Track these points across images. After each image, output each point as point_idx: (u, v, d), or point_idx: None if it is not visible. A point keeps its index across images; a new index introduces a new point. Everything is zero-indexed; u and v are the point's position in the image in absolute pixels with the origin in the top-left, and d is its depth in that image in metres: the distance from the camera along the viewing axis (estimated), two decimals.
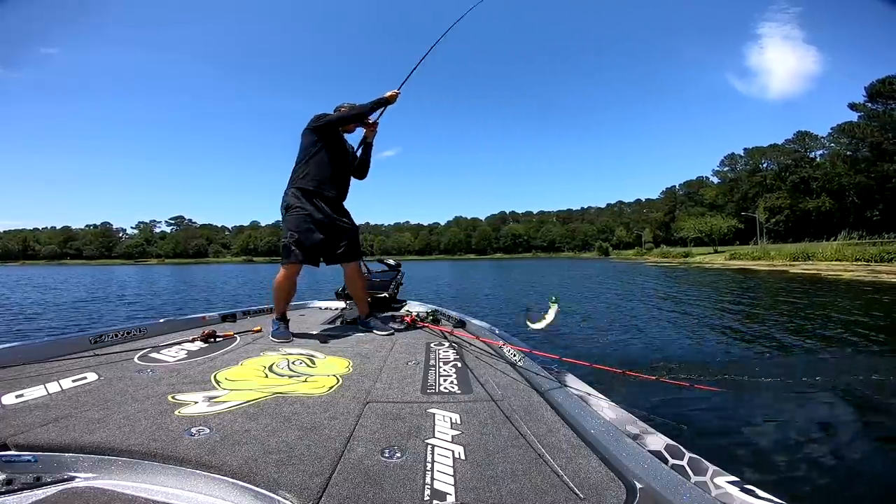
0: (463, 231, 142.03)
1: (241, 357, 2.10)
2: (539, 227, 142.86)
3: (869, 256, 22.34)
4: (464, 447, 1.16)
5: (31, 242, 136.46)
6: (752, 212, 58.18)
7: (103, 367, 1.88)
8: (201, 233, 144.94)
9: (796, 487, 2.10)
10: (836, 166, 60.71)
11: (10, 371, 1.77)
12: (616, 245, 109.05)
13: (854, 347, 4.99)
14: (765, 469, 2.26)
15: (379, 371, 1.89)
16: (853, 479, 2.22)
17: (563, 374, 1.69)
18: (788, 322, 6.90)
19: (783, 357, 4.63)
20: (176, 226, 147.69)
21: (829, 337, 5.65)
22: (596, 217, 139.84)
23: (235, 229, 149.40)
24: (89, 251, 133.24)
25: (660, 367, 4.18)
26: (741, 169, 79.23)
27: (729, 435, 2.65)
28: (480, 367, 1.97)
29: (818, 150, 69.50)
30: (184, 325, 2.85)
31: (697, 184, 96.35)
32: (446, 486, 0.97)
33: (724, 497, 0.86)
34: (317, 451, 1.09)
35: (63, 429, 1.18)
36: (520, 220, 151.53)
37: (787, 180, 68.56)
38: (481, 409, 1.45)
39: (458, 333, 2.63)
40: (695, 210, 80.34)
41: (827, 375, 3.84)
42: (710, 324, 6.97)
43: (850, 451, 2.49)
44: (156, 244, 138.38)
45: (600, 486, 0.98)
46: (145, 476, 0.99)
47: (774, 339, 5.67)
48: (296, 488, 0.92)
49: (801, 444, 2.55)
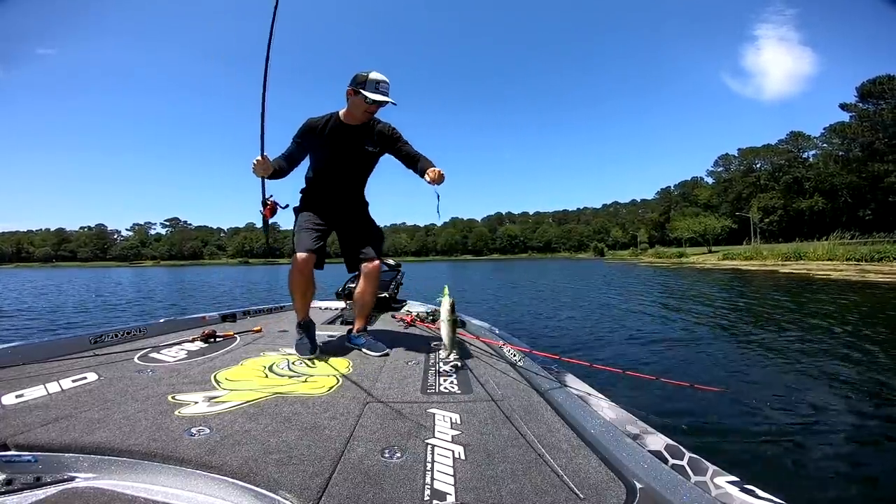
0: (459, 232, 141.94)
1: (241, 357, 2.10)
2: (535, 227, 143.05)
3: (860, 256, 22.50)
4: (464, 447, 1.16)
5: (25, 244, 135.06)
6: (745, 212, 58.54)
7: (103, 367, 1.88)
8: (196, 234, 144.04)
9: (796, 487, 2.10)
10: (829, 166, 61.15)
11: (10, 371, 1.77)
12: (612, 245, 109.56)
13: (853, 348, 5.02)
14: (765, 469, 2.26)
15: (379, 371, 1.89)
16: (853, 478, 2.22)
17: (563, 374, 1.70)
18: (785, 322, 6.95)
19: (783, 357, 4.65)
20: (171, 227, 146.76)
21: (828, 337, 5.68)
22: (592, 218, 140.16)
23: (231, 231, 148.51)
24: (84, 253, 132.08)
25: (660, 367, 4.19)
26: (735, 169, 79.64)
27: (729, 435, 2.65)
28: (480, 367, 1.98)
29: (811, 151, 69.94)
30: (184, 325, 2.85)
31: (692, 184, 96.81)
32: (446, 486, 0.97)
33: (724, 497, 0.86)
34: (317, 451, 1.09)
35: (63, 429, 1.18)
36: (516, 221, 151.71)
37: (780, 180, 68.99)
38: (481, 409, 1.45)
39: (458, 333, 2.63)
40: (689, 210, 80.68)
41: (827, 375, 3.87)
42: (708, 325, 7.00)
43: (851, 451, 2.50)
44: (151, 246, 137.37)
45: (600, 486, 0.99)
46: (145, 476, 0.99)
47: (773, 339, 5.69)
48: (296, 488, 0.92)
49: (801, 443, 2.56)
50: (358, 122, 2.32)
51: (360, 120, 2.31)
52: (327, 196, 2.46)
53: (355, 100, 2.21)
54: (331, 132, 2.30)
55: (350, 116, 2.30)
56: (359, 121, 2.31)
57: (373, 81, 2.17)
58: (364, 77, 2.17)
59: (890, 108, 48.40)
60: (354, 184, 2.51)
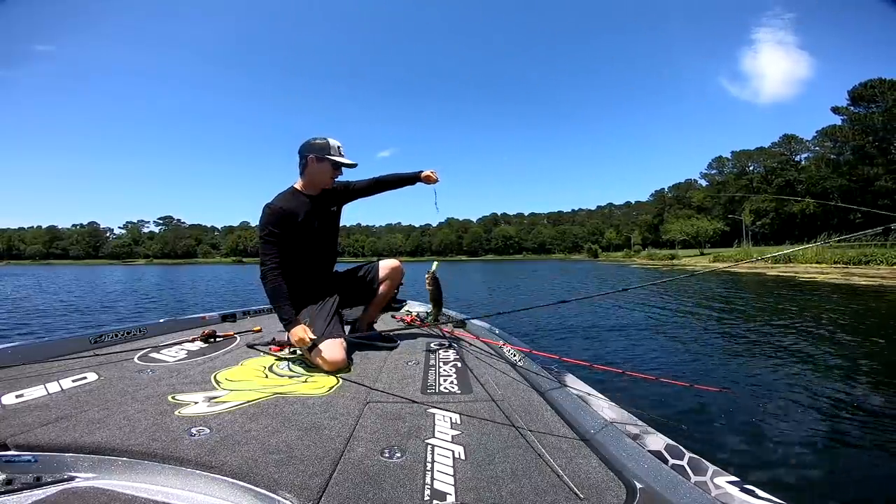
0: (455, 232, 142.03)
1: (241, 357, 2.09)
2: (530, 228, 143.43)
3: (848, 259, 22.79)
4: (464, 447, 1.16)
5: (16, 242, 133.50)
6: (738, 214, 59.08)
7: (103, 367, 1.88)
8: (190, 233, 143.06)
9: (796, 487, 2.12)
10: (821, 169, 61.79)
11: (10, 371, 1.77)
12: (606, 247, 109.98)
13: (851, 348, 5.08)
14: (765, 469, 2.28)
15: (379, 371, 1.89)
16: (853, 478, 2.24)
17: (563, 374, 1.71)
18: (784, 323, 7.02)
19: (782, 358, 4.70)
20: (164, 226, 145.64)
21: (826, 338, 5.74)
22: (586, 219, 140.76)
23: (225, 229, 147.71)
24: (75, 251, 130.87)
25: (660, 368, 4.21)
26: (728, 172, 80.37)
27: (729, 435, 2.67)
28: (480, 367, 1.98)
29: (803, 154, 70.80)
30: (184, 325, 2.85)
31: (686, 186, 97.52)
32: (446, 486, 0.97)
33: (724, 497, 0.87)
34: (317, 451, 1.09)
35: (63, 429, 1.17)
36: (511, 222, 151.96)
37: (772, 183, 69.65)
38: (481, 409, 1.45)
39: (458, 333, 2.64)
40: (683, 212, 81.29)
41: (826, 375, 3.91)
42: (708, 324, 7.06)
43: (851, 451, 2.52)
44: (144, 244, 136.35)
45: (600, 486, 0.99)
46: (145, 476, 0.98)
47: (773, 340, 5.74)
48: (296, 488, 0.92)
49: (801, 443, 2.58)
50: (318, 191, 2.29)
51: (323, 186, 2.29)
52: (317, 276, 2.36)
53: (320, 167, 2.21)
54: (305, 210, 2.21)
55: (311, 186, 2.27)
56: (320, 188, 2.29)
57: (335, 146, 2.21)
58: (324, 143, 2.19)
59: (881, 112, 48.98)
60: (335, 250, 2.49)
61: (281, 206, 2.13)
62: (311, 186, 2.27)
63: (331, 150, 2.19)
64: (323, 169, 2.21)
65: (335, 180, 2.31)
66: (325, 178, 2.25)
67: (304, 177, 2.26)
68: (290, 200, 2.19)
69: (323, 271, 2.41)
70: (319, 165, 2.20)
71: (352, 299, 2.53)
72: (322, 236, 2.34)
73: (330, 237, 2.42)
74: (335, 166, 2.22)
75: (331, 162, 2.20)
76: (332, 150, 2.20)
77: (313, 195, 2.27)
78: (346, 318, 3.22)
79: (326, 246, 2.39)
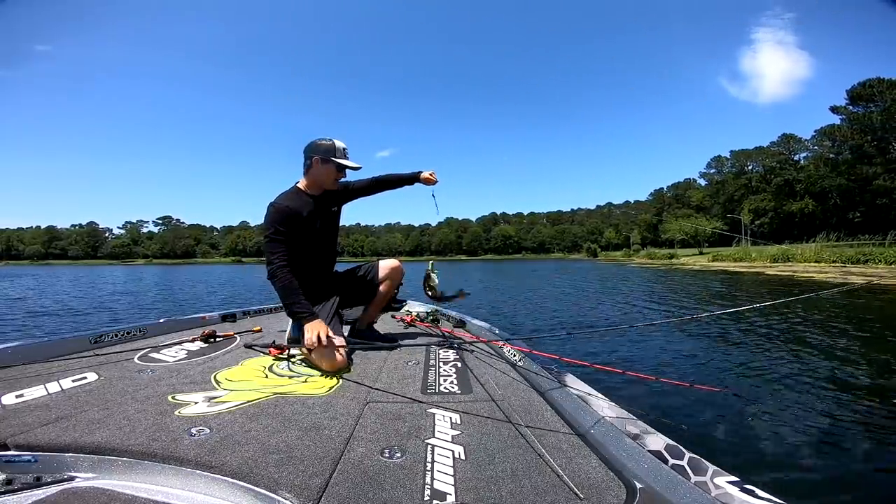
0: (454, 232, 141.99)
1: (241, 357, 2.09)
2: (529, 228, 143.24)
3: (846, 258, 22.83)
4: (464, 447, 1.16)
5: (15, 242, 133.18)
6: (737, 214, 59.07)
7: (103, 367, 1.88)
8: (189, 233, 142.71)
9: (796, 487, 2.13)
10: (819, 169, 61.81)
11: (10, 371, 1.77)
12: (605, 246, 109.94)
13: (851, 348, 5.09)
14: (765, 469, 2.28)
15: (379, 371, 1.90)
16: (853, 478, 2.25)
17: (563, 374, 1.71)
18: (784, 323, 7.03)
19: (782, 357, 4.70)
20: (164, 226, 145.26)
21: (826, 338, 5.74)
22: (585, 218, 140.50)
23: (224, 229, 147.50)
24: (74, 251, 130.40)
25: (660, 368, 4.22)
26: (727, 171, 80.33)
27: (729, 435, 2.67)
28: (480, 367, 1.98)
29: (802, 153, 70.75)
30: (184, 325, 2.85)
31: (685, 186, 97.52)
32: (446, 486, 0.97)
33: (724, 497, 0.87)
34: (317, 451, 1.09)
35: (63, 429, 1.17)
36: (510, 222, 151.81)
37: (771, 182, 69.66)
38: (481, 409, 1.45)
39: (458, 333, 2.64)
40: (682, 212, 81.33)
41: (825, 375, 3.92)
42: (707, 325, 7.07)
43: (851, 451, 2.52)
44: (143, 244, 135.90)
45: (600, 486, 0.99)
46: (145, 476, 0.98)
47: (772, 339, 5.76)
48: (296, 488, 0.92)
49: (801, 443, 2.59)
50: (320, 191, 2.30)
51: (326, 188, 2.30)
52: (318, 276, 2.36)
53: (325, 168, 2.22)
54: (308, 210, 2.22)
55: (314, 186, 2.28)
56: (323, 189, 2.30)
57: (340, 149, 2.22)
58: (330, 145, 2.20)
59: (879, 111, 49.00)
60: (335, 250, 2.51)
61: (287, 205, 2.14)
62: (314, 187, 2.28)
63: (336, 153, 2.20)
64: (327, 171, 2.22)
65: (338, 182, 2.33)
66: (329, 179, 2.26)
67: (307, 177, 2.27)
68: (295, 200, 2.20)
69: (323, 271, 2.42)
70: (324, 167, 2.21)
71: (352, 299, 2.54)
72: (323, 236, 2.35)
73: (331, 237, 2.43)
74: (340, 169, 2.23)
75: (336, 164, 2.20)
76: (338, 152, 2.21)
77: (316, 195, 2.29)
78: (346, 318, 3.22)
79: (327, 246, 2.40)
